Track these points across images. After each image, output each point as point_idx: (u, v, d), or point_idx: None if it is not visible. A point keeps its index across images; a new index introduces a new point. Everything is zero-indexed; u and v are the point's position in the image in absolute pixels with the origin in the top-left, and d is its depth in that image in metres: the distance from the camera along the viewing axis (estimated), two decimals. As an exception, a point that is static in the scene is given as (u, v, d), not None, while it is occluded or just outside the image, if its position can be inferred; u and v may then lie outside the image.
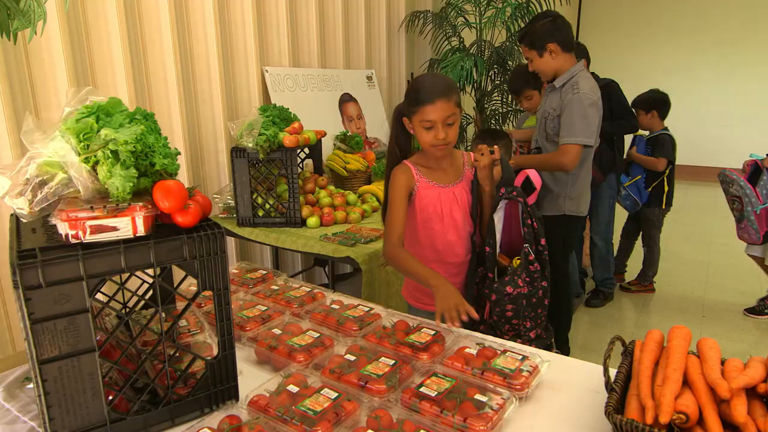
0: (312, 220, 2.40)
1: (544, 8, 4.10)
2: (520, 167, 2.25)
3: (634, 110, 3.45)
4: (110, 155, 0.91)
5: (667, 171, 3.53)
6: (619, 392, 0.95)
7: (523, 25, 4.16)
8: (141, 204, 0.90)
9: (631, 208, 3.61)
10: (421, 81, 1.61)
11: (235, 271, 1.70)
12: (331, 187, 2.75)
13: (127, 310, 1.28)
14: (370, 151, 3.31)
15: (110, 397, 0.94)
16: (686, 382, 0.93)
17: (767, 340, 3.16)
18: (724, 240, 5.18)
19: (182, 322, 1.28)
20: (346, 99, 3.63)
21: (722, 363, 0.96)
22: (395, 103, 4.31)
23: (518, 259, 1.60)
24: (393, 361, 1.12)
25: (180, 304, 1.38)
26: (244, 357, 1.27)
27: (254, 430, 0.91)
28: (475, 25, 4.26)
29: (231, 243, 3.00)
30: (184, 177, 2.69)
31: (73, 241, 0.86)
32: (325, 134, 2.74)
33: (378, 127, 3.87)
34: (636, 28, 8.61)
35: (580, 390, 1.12)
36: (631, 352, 1.06)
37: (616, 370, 1.02)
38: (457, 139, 1.63)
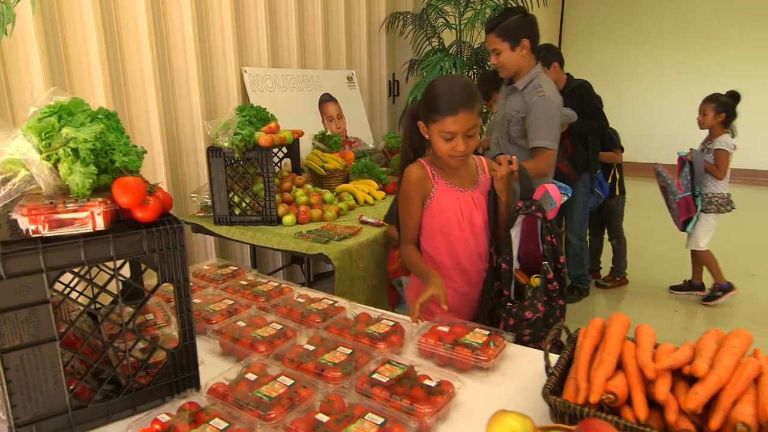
0: (288, 218, 2.44)
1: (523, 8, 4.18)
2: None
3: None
4: (71, 153, 0.95)
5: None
6: (558, 375, 1.00)
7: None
8: (100, 200, 0.94)
9: (595, 203, 3.71)
10: (444, 88, 1.50)
11: (207, 267, 1.74)
12: (309, 186, 2.79)
13: (97, 305, 1.31)
14: (349, 151, 3.36)
15: (72, 386, 0.98)
16: (622, 366, 0.99)
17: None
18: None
19: (149, 316, 1.32)
20: (326, 99, 3.68)
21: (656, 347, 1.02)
22: (376, 103, 4.39)
23: (537, 277, 1.56)
24: (350, 351, 1.17)
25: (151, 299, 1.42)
26: (209, 349, 1.31)
27: (210, 416, 0.96)
28: (455, 26, 4.32)
29: (210, 241, 3.03)
30: (162, 176, 2.72)
31: (34, 235, 0.89)
32: (303, 134, 2.78)
33: (359, 127, 3.91)
34: (617, 29, 8.74)
35: (530, 375, 1.18)
36: (575, 339, 1.12)
37: (559, 356, 1.08)
38: (475, 146, 1.57)
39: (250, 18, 3.15)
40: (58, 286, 1.20)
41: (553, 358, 1.08)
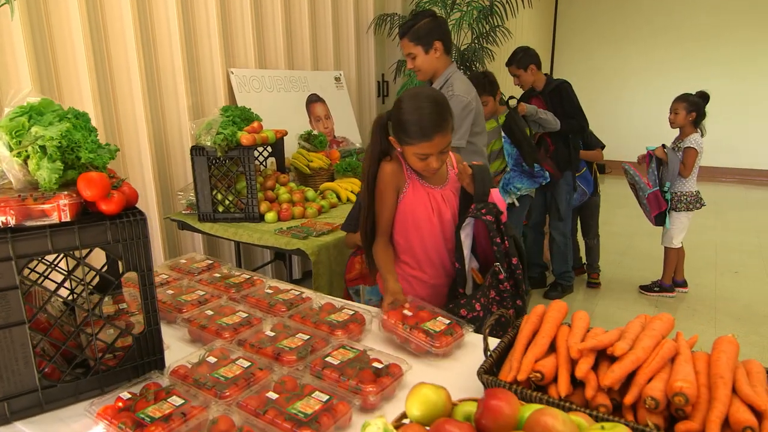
0: (270, 215, 2.51)
1: (507, 11, 4.26)
2: None
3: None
4: (39, 150, 1.02)
5: None
6: (495, 358, 1.07)
7: (487, 27, 4.32)
8: (66, 193, 1.01)
9: (578, 200, 3.78)
10: (413, 111, 1.50)
11: (184, 261, 1.81)
12: (292, 184, 2.86)
13: (75, 296, 1.39)
14: (334, 150, 3.43)
15: (42, 367, 1.05)
16: (555, 348, 1.06)
17: (719, 329, 3.31)
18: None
19: (123, 305, 1.39)
20: (313, 99, 3.75)
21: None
22: (365, 103, 4.46)
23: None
24: (308, 336, 1.24)
25: (126, 290, 1.49)
26: (179, 336, 1.38)
27: (170, 394, 1.03)
28: (442, 28, 4.39)
29: (198, 238, 3.10)
30: (149, 175, 2.80)
31: (3, 226, 0.97)
32: (286, 133, 2.85)
33: (347, 127, 3.98)
34: (611, 28, 8.80)
35: (478, 360, 1.24)
36: (518, 325, 1.19)
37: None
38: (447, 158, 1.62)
39: (236, 20, 3.22)
40: (35, 276, 1.27)
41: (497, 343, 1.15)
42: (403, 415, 0.79)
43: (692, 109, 3.47)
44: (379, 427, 0.60)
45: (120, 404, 1.01)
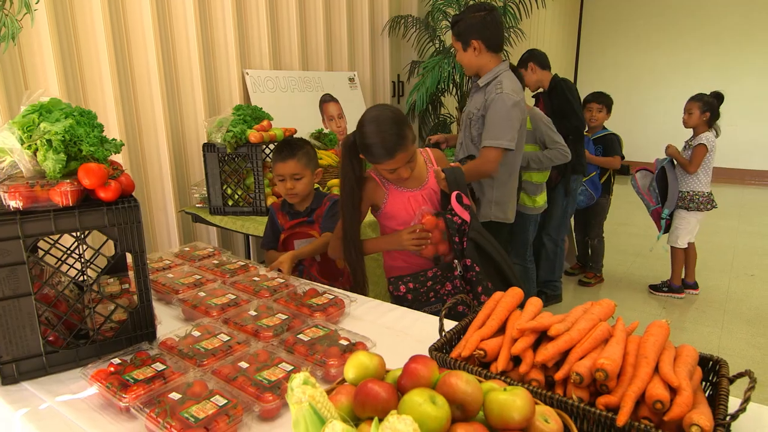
0: (276, 209, 2.64)
1: (520, 11, 4.30)
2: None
3: (583, 105, 3.59)
4: (45, 143, 1.16)
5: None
6: (448, 337, 1.16)
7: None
8: (68, 181, 1.15)
9: (585, 203, 3.76)
10: (373, 135, 1.61)
11: (187, 249, 1.95)
12: (300, 180, 2.98)
13: (85, 277, 1.54)
14: (344, 148, 3.54)
15: (47, 334, 1.19)
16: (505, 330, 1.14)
17: (726, 331, 3.29)
18: (705, 237, 5.28)
19: (125, 285, 1.53)
20: (326, 99, 3.88)
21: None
22: (379, 102, 4.56)
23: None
24: (286, 317, 1.36)
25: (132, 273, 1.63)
26: (174, 315, 1.52)
27: (155, 361, 1.16)
28: (456, 29, 4.46)
29: (213, 231, 3.26)
30: (167, 170, 2.97)
31: (13, 209, 1.11)
32: (296, 131, 2.98)
33: (359, 126, 4.10)
34: (636, 28, 8.69)
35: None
36: (477, 311, 1.27)
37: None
38: (416, 163, 1.72)
39: (252, 22, 3.37)
40: (53, 260, 1.42)
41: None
42: (343, 380, 0.89)
43: (706, 108, 3.45)
44: (301, 378, 0.70)
45: (111, 369, 1.14)
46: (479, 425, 0.72)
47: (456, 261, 1.71)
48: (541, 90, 3.52)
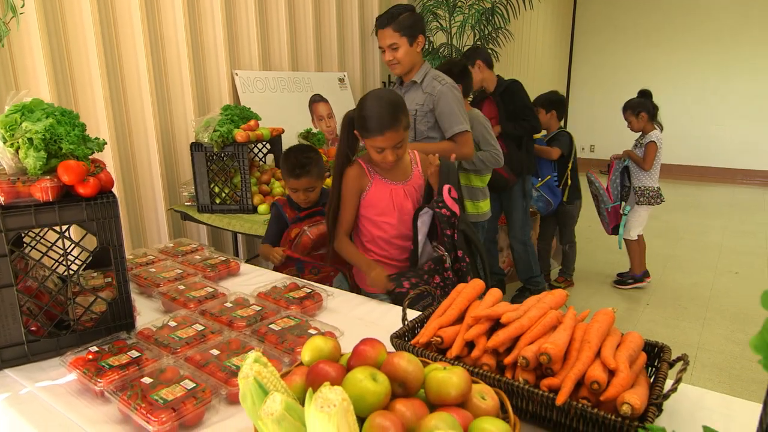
0: (263, 207, 2.70)
1: (509, 12, 4.36)
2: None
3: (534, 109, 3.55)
4: (27, 141, 1.22)
5: (570, 165, 3.76)
6: (410, 326, 1.22)
7: (489, 28, 4.43)
8: (48, 178, 1.21)
9: (544, 209, 3.76)
10: (370, 108, 1.71)
11: (171, 245, 2.01)
12: (288, 179, 3.04)
13: (70, 272, 1.59)
14: (332, 147, 3.60)
15: (28, 324, 1.25)
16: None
17: (707, 327, 3.35)
18: (693, 236, 5.35)
19: (108, 279, 1.59)
20: (316, 99, 3.93)
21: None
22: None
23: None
24: (259, 308, 1.42)
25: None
26: (155, 307, 1.58)
27: (131, 348, 1.21)
28: (446, 30, 4.52)
29: (203, 228, 3.32)
30: (157, 169, 3.02)
31: (-5, 204, 1.17)
32: (283, 131, 3.04)
33: (349, 126, 4.15)
34: (630, 27, 8.75)
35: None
36: (440, 302, 1.33)
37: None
38: (405, 153, 1.81)
39: (241, 22, 3.42)
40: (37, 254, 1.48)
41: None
42: (301, 363, 0.95)
43: (639, 110, 3.66)
44: (252, 357, 0.76)
45: (90, 356, 1.20)
46: (418, 401, 0.78)
47: (446, 253, 1.75)
48: (484, 89, 3.42)
